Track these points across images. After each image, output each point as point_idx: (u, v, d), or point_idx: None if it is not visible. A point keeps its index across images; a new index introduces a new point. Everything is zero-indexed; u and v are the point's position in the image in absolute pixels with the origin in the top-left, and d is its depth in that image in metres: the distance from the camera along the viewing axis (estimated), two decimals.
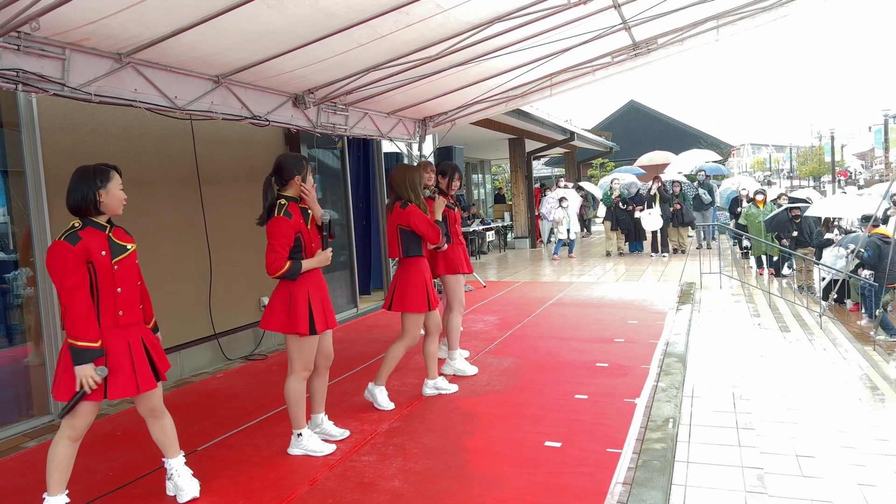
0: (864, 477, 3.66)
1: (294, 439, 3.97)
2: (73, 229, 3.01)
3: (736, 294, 9.61)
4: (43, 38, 3.57)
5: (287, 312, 3.76)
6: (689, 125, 40.48)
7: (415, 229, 4.60)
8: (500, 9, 4.75)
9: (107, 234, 3.09)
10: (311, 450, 3.93)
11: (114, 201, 3.11)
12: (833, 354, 6.60)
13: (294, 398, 3.88)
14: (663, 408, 4.49)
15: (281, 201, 3.77)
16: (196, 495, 3.42)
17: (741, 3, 6.05)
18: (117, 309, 3.08)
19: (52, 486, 3.10)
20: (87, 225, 3.05)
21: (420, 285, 4.62)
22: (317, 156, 8.25)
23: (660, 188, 13.75)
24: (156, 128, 5.66)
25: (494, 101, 7.84)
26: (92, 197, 3.05)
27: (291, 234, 3.69)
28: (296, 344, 3.83)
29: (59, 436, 3.09)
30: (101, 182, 3.08)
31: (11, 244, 4.87)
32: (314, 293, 3.82)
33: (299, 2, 3.82)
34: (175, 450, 3.42)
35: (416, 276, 4.64)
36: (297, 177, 3.83)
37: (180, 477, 3.41)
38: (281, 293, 3.80)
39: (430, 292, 4.67)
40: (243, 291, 6.73)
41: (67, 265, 2.93)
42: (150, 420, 3.35)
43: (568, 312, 7.86)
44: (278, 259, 3.66)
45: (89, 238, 3.01)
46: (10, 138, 4.75)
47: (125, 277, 3.12)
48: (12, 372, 4.86)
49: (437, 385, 4.96)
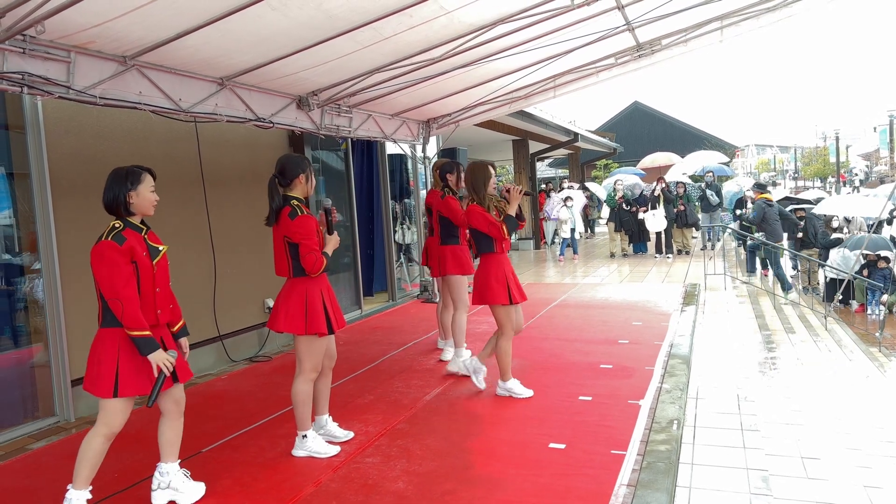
0: (869, 479, 3.65)
1: (298, 441, 3.97)
2: (116, 230, 3.07)
3: (740, 295, 9.58)
4: (48, 41, 3.59)
5: (303, 314, 3.77)
6: (693, 126, 40.42)
7: (476, 228, 4.68)
8: (503, 10, 4.75)
9: (143, 235, 3.17)
10: (316, 451, 3.94)
11: (144, 203, 3.16)
12: (838, 356, 6.58)
13: (301, 399, 3.89)
14: (668, 409, 4.48)
15: (293, 201, 3.80)
16: (202, 495, 3.43)
17: (745, 4, 6.04)
18: (156, 308, 3.18)
19: (78, 480, 3.15)
20: (127, 226, 3.12)
21: (500, 279, 4.66)
22: (321, 157, 8.26)
23: (663, 189, 13.72)
24: (160, 130, 5.67)
25: (498, 102, 7.84)
26: (122, 198, 3.11)
27: (314, 231, 3.78)
28: (307, 345, 3.83)
29: (95, 432, 3.14)
30: (131, 184, 3.13)
31: (17, 246, 4.88)
32: (326, 295, 3.87)
33: (303, 4, 3.83)
34: (176, 454, 3.42)
35: (495, 269, 4.69)
36: (300, 175, 3.85)
37: (180, 481, 3.40)
38: (296, 294, 3.80)
39: (511, 285, 4.68)
40: (247, 293, 6.74)
41: (117, 264, 3.01)
42: (174, 414, 3.34)
43: (572, 314, 7.85)
44: (319, 257, 3.73)
45: (132, 239, 3.09)
46: (16, 141, 4.77)
47: (162, 278, 3.23)
48: (18, 374, 4.87)
49: (508, 387, 4.85)
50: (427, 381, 5.35)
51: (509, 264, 4.80)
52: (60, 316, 4.85)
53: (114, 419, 3.12)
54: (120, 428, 3.17)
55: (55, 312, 4.84)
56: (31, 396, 4.89)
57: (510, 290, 4.66)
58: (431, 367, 5.73)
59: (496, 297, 4.65)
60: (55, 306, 4.84)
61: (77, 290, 4.99)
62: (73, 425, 4.83)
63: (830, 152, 50.37)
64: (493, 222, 4.62)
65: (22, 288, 4.89)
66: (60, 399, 4.90)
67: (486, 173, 4.73)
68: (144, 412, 5.00)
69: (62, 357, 4.87)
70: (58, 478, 3.84)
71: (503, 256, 4.76)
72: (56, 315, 4.84)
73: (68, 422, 4.89)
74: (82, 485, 3.15)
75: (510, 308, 4.74)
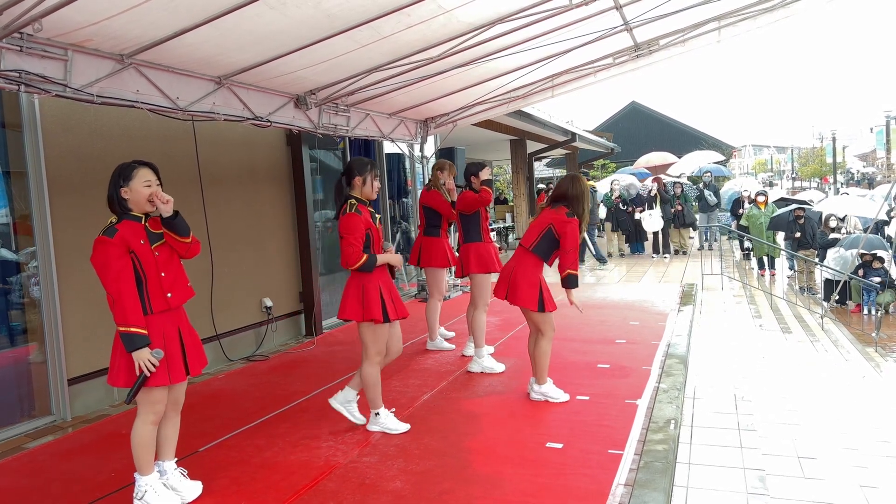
0: (866, 479, 3.66)
1: (372, 417, 4.26)
2: (110, 224, 3.15)
3: (737, 295, 9.60)
4: (45, 40, 3.58)
5: (360, 302, 4.02)
6: (690, 126, 40.46)
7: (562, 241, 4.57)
8: (501, 10, 4.75)
9: (143, 224, 3.21)
10: (389, 427, 4.21)
11: (138, 197, 3.18)
12: (835, 356, 6.60)
13: (372, 382, 4.16)
14: (665, 409, 4.49)
15: (351, 200, 4.06)
16: (198, 494, 3.44)
17: (743, 4, 6.05)
18: (165, 291, 3.21)
19: (142, 467, 3.24)
20: (124, 218, 3.17)
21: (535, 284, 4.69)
22: (318, 157, 8.25)
23: (660, 189, 13.74)
24: (158, 129, 5.66)
25: (496, 102, 7.84)
26: (115, 195, 3.17)
27: (363, 229, 3.98)
28: (370, 331, 4.10)
29: (142, 421, 3.22)
30: (123, 180, 3.18)
31: (13, 244, 4.87)
32: (384, 285, 4.11)
33: (301, 3, 3.82)
34: (173, 452, 3.45)
35: None
36: (357, 178, 4.10)
37: (177, 480, 3.42)
38: (354, 285, 4.08)
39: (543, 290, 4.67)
40: (245, 292, 6.74)
41: (109, 256, 3.06)
42: (171, 413, 3.37)
43: (569, 313, 7.81)
44: (355, 252, 3.93)
45: (126, 229, 3.13)
46: (13, 139, 4.76)
47: (167, 262, 3.25)
48: (15, 372, 4.86)
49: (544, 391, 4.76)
50: (425, 380, 5.35)
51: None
52: (57, 314, 4.84)
53: (157, 407, 3.22)
54: (163, 413, 3.26)
55: (52, 311, 4.83)
56: (28, 395, 4.87)
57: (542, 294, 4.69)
58: (429, 367, 5.73)
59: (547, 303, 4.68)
60: (52, 304, 4.83)
61: (74, 288, 4.98)
62: (70, 424, 4.82)
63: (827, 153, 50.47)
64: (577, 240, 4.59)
65: (18, 286, 4.88)
66: (57, 398, 4.89)
67: (585, 186, 4.64)
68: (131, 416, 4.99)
69: (59, 355, 4.86)
70: (54, 477, 3.85)
71: None
72: (53, 313, 4.83)
73: (65, 421, 4.88)
74: (147, 469, 3.26)
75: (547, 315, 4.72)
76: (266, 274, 7.06)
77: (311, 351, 6.69)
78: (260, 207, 6.99)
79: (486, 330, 5.65)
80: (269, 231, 7.13)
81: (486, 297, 5.62)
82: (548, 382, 4.72)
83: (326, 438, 4.19)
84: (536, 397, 4.73)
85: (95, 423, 4.80)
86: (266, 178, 7.11)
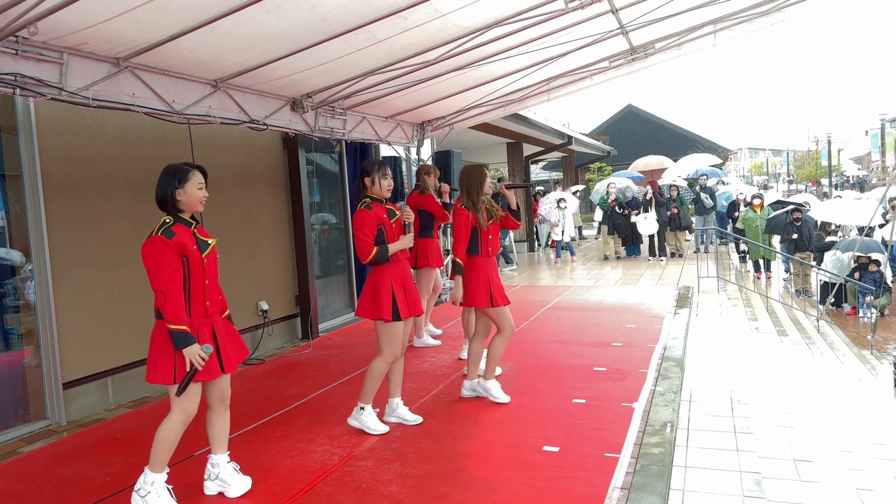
0: (862, 481, 3.66)
1: (356, 411, 4.31)
2: (166, 225, 3.18)
3: (733, 298, 9.62)
4: (41, 43, 3.57)
5: (373, 300, 4.14)
6: (686, 129, 40.53)
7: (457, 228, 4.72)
8: (498, 13, 4.76)
9: (192, 230, 3.28)
10: (368, 426, 4.26)
11: (192, 200, 3.26)
12: (830, 358, 6.61)
13: (374, 375, 4.22)
14: (661, 412, 4.49)
15: (366, 200, 4.20)
16: (248, 489, 3.50)
17: (739, 8, 6.07)
18: (206, 299, 3.30)
19: (155, 463, 3.27)
20: (177, 221, 3.23)
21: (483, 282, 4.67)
22: (315, 160, 8.25)
23: (655, 192, 13.77)
24: (154, 132, 5.66)
25: (493, 105, 7.85)
26: (171, 195, 3.23)
27: (374, 224, 4.10)
28: (385, 329, 4.16)
29: (173, 418, 3.25)
30: (179, 182, 3.24)
31: (8, 247, 4.85)
32: (397, 283, 4.18)
33: (297, 6, 3.83)
34: (225, 445, 3.53)
35: (476, 273, 4.70)
36: (366, 178, 4.22)
37: (228, 474, 3.50)
38: (369, 283, 4.21)
39: (493, 289, 4.67)
40: (241, 296, 6.72)
41: (165, 257, 3.11)
42: (219, 408, 3.48)
43: (566, 316, 7.86)
44: (366, 245, 4.07)
45: (181, 233, 3.19)
46: (8, 142, 4.75)
47: (211, 270, 3.34)
48: (9, 376, 4.84)
49: (474, 387, 4.88)
50: (421, 383, 5.34)
51: (494, 267, 4.78)
52: (52, 318, 4.82)
53: (190, 405, 3.26)
54: (195, 411, 3.29)
55: (47, 314, 4.81)
56: (23, 399, 4.85)
57: (493, 294, 4.64)
58: (425, 370, 5.73)
59: (477, 300, 4.65)
60: (47, 308, 4.81)
61: (69, 291, 4.97)
62: (65, 428, 4.80)
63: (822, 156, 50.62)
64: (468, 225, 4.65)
65: (13, 289, 4.86)
66: (52, 402, 4.88)
67: (480, 175, 4.75)
68: (133, 417, 4.98)
69: (54, 359, 4.84)
70: (48, 481, 3.83)
71: (488, 259, 4.73)
72: (48, 317, 4.82)
73: (60, 425, 4.86)
74: (160, 468, 3.28)
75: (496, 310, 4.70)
76: (262, 277, 7.05)
77: (306, 354, 6.68)
78: (256, 210, 6.98)
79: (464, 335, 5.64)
80: (265, 234, 7.12)
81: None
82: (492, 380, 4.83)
83: (322, 442, 4.18)
84: (467, 394, 4.90)
85: (90, 427, 4.78)
86: (262, 182, 7.11)
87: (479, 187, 4.72)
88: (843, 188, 39.41)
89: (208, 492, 3.49)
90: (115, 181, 5.36)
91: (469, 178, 4.75)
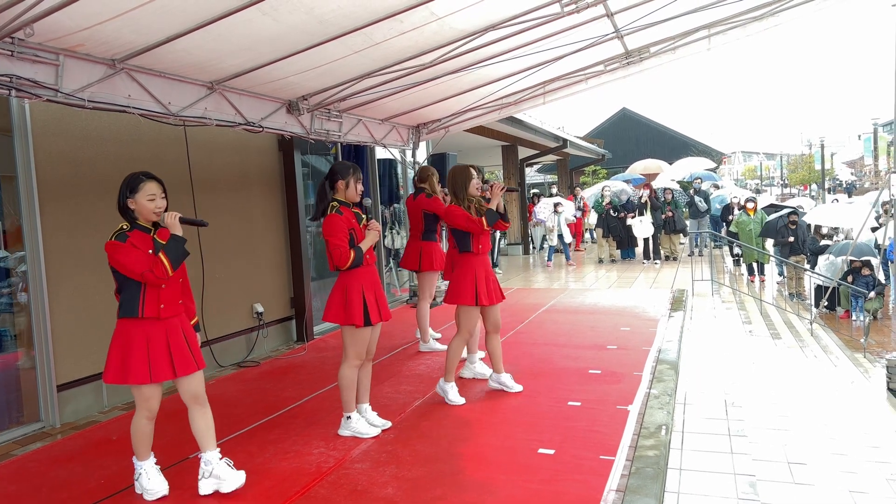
0: (855, 484, 3.68)
1: (343, 421, 4.30)
2: (121, 230, 3.29)
3: (727, 301, 9.66)
4: (37, 44, 3.57)
5: (343, 305, 4.10)
6: (680, 133, 40.70)
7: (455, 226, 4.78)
8: (493, 17, 4.77)
9: (151, 235, 3.34)
10: (359, 432, 4.24)
11: (143, 210, 3.31)
12: (824, 361, 6.64)
13: (346, 384, 4.21)
14: (656, 415, 4.50)
15: (333, 203, 4.14)
16: (242, 483, 3.53)
17: (733, 13, 6.10)
18: (160, 303, 3.33)
19: (140, 454, 3.50)
20: (135, 228, 3.32)
21: (469, 280, 4.75)
22: (310, 162, 8.25)
23: (650, 196, 13.81)
24: (149, 134, 5.65)
25: (488, 108, 7.87)
26: (123, 203, 3.31)
27: (346, 228, 4.06)
28: (350, 334, 4.15)
29: (137, 416, 3.43)
30: (130, 191, 3.30)
31: (2, 248, 4.84)
32: (368, 288, 4.16)
33: (294, 9, 3.83)
34: (213, 442, 3.56)
35: (466, 270, 4.79)
36: (340, 182, 4.15)
37: (220, 469, 3.52)
38: (338, 288, 4.17)
39: (480, 287, 4.73)
40: (235, 298, 6.71)
41: (124, 251, 3.21)
42: (194, 407, 3.52)
43: (561, 319, 7.87)
44: (343, 251, 4.02)
45: (135, 239, 3.27)
46: (2, 143, 4.73)
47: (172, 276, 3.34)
48: (3, 378, 4.82)
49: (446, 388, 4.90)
50: (416, 386, 5.34)
51: (485, 266, 4.84)
52: (46, 319, 4.81)
53: (150, 404, 3.40)
54: (157, 409, 3.44)
55: (41, 316, 4.79)
56: (17, 401, 4.83)
57: (478, 291, 4.72)
58: (420, 373, 5.73)
59: (461, 297, 4.73)
60: (41, 310, 4.79)
61: (63, 293, 4.95)
62: (59, 431, 4.78)
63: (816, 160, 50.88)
64: (470, 218, 4.70)
65: (7, 291, 4.84)
66: (46, 404, 4.85)
67: (466, 175, 4.82)
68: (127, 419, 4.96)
69: (48, 361, 4.82)
70: (42, 484, 3.81)
71: (478, 257, 4.81)
72: (42, 318, 4.80)
73: (54, 427, 4.84)
74: (144, 456, 3.50)
75: (474, 310, 4.79)
76: (257, 279, 7.04)
77: (302, 357, 6.68)
78: (251, 212, 6.97)
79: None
80: (260, 236, 7.11)
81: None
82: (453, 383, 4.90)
83: (318, 445, 4.17)
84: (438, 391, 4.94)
85: (84, 429, 4.76)
86: (258, 184, 7.10)
87: (464, 187, 4.79)
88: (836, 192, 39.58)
89: (203, 491, 3.49)
90: (110, 183, 5.32)
91: (454, 179, 4.83)
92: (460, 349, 4.89)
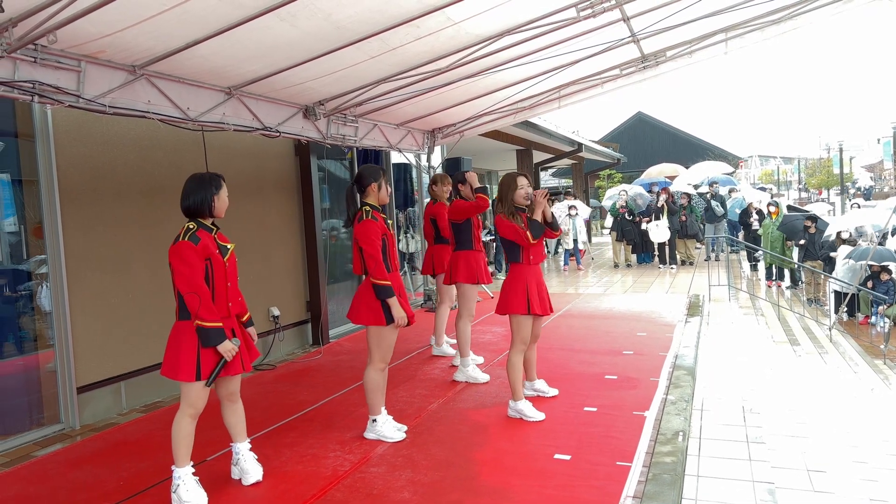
0: (876, 492, 3.64)
1: (370, 424, 4.31)
2: (191, 230, 3.37)
3: (744, 307, 9.57)
4: (59, 51, 3.62)
5: (370, 307, 4.10)
6: (696, 137, 40.45)
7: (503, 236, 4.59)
8: (509, 22, 4.78)
9: (213, 235, 3.46)
10: (384, 435, 4.24)
11: (223, 205, 3.51)
12: (843, 368, 6.56)
13: (371, 387, 4.22)
14: (673, 421, 4.47)
15: (366, 207, 4.12)
16: (260, 478, 3.69)
17: (750, 17, 6.06)
18: (228, 301, 3.48)
19: (178, 459, 3.45)
20: (200, 227, 3.42)
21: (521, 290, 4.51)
22: (326, 167, 8.29)
23: (667, 200, 13.73)
24: (168, 139, 5.71)
25: (503, 112, 7.87)
26: (209, 201, 3.43)
27: (380, 235, 4.05)
28: (375, 336, 4.16)
29: (182, 414, 3.44)
30: (215, 188, 3.46)
31: (24, 252, 4.91)
32: (396, 290, 4.13)
33: (311, 15, 3.86)
34: (244, 434, 3.73)
35: (516, 280, 4.55)
36: (372, 184, 4.14)
37: (246, 461, 3.70)
38: (366, 290, 4.14)
39: (532, 296, 4.50)
40: (252, 302, 6.68)
41: (192, 260, 3.30)
42: (228, 403, 3.67)
43: (576, 324, 7.84)
44: (380, 268, 4.02)
45: (205, 239, 3.38)
46: (25, 148, 4.81)
47: (232, 273, 3.52)
48: (24, 381, 4.88)
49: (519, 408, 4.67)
50: (431, 390, 5.35)
51: (536, 276, 4.61)
52: (67, 323, 4.86)
53: (197, 401, 3.43)
54: (202, 408, 3.46)
55: (62, 319, 4.86)
56: (37, 403, 4.89)
57: (530, 299, 4.50)
58: (435, 377, 5.73)
59: (513, 306, 4.52)
60: (62, 313, 4.85)
61: (84, 296, 5.00)
62: (79, 433, 4.83)
63: (834, 164, 50.32)
64: (518, 231, 4.47)
65: (28, 294, 4.91)
66: (66, 406, 4.91)
67: (511, 183, 4.59)
68: (146, 422, 5.01)
69: (68, 364, 4.88)
70: (61, 485, 3.86)
71: (529, 268, 4.57)
72: (63, 322, 4.86)
73: (73, 429, 4.89)
74: (183, 462, 3.46)
75: (527, 318, 4.56)
76: (273, 283, 7.08)
77: (317, 360, 6.70)
78: (268, 217, 7.02)
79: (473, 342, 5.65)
80: (276, 240, 7.15)
81: (472, 307, 5.62)
82: (522, 400, 4.64)
83: (334, 448, 4.19)
84: (512, 414, 4.65)
85: (104, 431, 4.81)
86: (274, 188, 7.15)
87: (507, 196, 4.57)
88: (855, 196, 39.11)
89: (234, 476, 3.74)
90: (129, 187, 5.41)
91: (502, 185, 4.68)
92: (519, 363, 4.60)
